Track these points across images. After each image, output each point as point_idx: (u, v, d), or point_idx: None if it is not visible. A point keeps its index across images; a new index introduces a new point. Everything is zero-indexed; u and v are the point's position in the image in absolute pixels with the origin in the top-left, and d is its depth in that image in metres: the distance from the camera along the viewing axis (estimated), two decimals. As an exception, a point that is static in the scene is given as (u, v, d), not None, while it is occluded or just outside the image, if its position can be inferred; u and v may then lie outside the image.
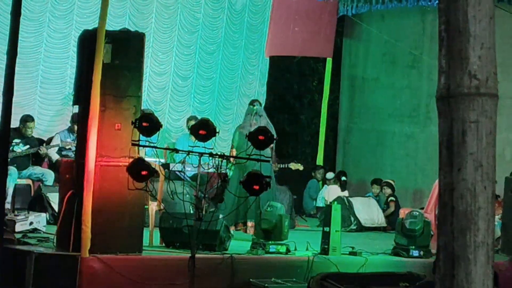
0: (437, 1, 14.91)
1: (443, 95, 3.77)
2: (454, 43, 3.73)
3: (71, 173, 12.25)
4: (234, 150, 14.54)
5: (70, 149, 15.16)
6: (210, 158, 11.72)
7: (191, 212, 11.74)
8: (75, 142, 14.28)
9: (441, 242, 3.80)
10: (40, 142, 15.44)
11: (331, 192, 17.28)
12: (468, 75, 3.75)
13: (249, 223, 14.18)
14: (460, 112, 3.77)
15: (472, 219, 3.74)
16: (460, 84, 3.76)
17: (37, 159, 15.32)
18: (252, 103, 15.18)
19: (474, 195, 3.74)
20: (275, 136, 11.61)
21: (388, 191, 17.43)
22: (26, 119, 15.09)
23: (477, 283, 3.71)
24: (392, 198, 17.30)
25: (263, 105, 17.94)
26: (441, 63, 3.76)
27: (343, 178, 17.84)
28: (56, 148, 15.43)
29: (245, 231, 14.34)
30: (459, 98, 3.76)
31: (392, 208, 17.08)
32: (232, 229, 13.80)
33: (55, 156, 15.40)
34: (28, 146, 15.09)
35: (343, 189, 17.50)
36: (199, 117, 13.56)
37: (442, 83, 3.77)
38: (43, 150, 15.24)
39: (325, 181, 17.91)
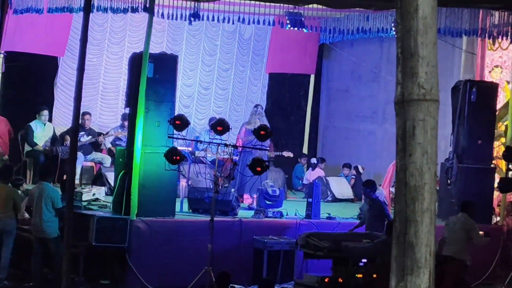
0: (392, 33, 14.91)
1: (399, 100, 3.75)
2: (407, 62, 3.72)
3: (123, 158, 12.27)
4: (240, 140, 14.45)
5: (121, 139, 15.14)
6: (225, 147, 11.73)
7: (211, 187, 11.74)
8: (125, 132, 14.30)
9: (396, 208, 3.78)
10: (99, 134, 15.41)
11: (313, 173, 17.24)
12: (417, 86, 3.73)
13: (255, 195, 14.13)
14: (411, 113, 3.75)
15: (420, 191, 3.72)
16: (412, 92, 3.74)
17: (97, 146, 15.31)
18: (256, 106, 15.16)
19: (421, 174, 3.72)
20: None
21: (352, 172, 17.36)
22: (84, 113, 14.99)
23: (423, 238, 3.70)
24: (353, 176, 17.21)
25: (264, 108, 17.93)
26: (398, 77, 3.75)
27: (313, 160, 17.71)
28: (111, 138, 15.42)
29: (251, 203, 14.29)
30: (410, 103, 3.74)
31: (352, 182, 17.03)
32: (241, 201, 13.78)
33: (109, 145, 15.43)
34: (90, 137, 15.06)
35: (313, 169, 17.37)
36: (217, 118, 13.52)
37: (398, 91, 3.75)
38: (100, 139, 15.22)
39: (309, 165, 17.83)
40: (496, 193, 14.33)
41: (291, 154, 16.32)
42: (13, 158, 14.72)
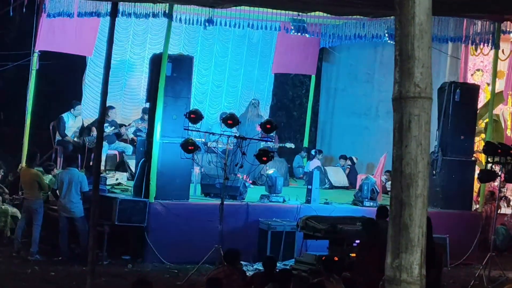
0: (385, 39, 14.88)
1: (397, 97, 3.76)
2: (404, 64, 3.72)
3: (144, 147, 12.29)
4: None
5: (141, 130, 15.16)
6: (234, 138, 11.74)
7: (222, 174, 11.74)
8: (145, 124, 14.32)
9: (393, 193, 3.80)
10: (121, 125, 15.40)
11: (312, 163, 17.22)
12: (413, 84, 3.73)
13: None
14: (407, 109, 3.75)
15: (414, 179, 3.73)
16: (408, 90, 3.74)
17: (119, 136, 15.31)
18: (253, 99, 15.55)
19: (415, 163, 3.73)
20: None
21: (348, 162, 17.35)
22: (108, 106, 14.93)
23: (416, 220, 3.71)
24: (348, 166, 17.19)
25: (269, 105, 17.99)
26: (396, 77, 3.76)
27: (312, 152, 17.68)
28: (133, 129, 15.45)
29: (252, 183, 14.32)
30: (407, 100, 3.74)
31: (347, 171, 17.02)
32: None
33: (131, 135, 15.45)
34: (113, 128, 15.06)
35: (311, 159, 17.35)
36: (228, 112, 13.50)
37: (396, 89, 3.76)
38: (122, 130, 15.23)
39: (309, 156, 17.81)
40: (476, 183, 14.35)
41: (292, 145, 16.33)
42: (46, 146, 14.78)
